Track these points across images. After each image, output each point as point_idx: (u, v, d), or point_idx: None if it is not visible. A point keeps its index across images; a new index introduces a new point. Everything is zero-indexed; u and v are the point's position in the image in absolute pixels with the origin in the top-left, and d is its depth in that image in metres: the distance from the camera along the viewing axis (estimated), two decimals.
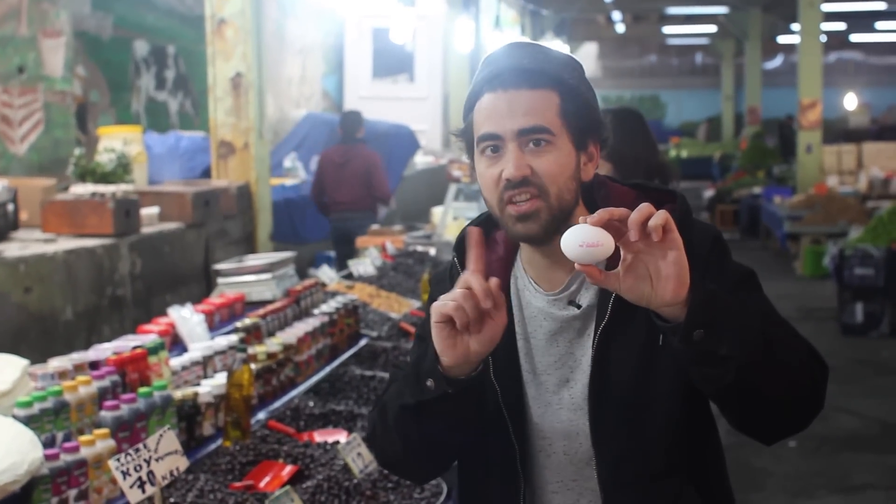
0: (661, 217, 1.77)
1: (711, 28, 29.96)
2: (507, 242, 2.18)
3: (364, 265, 7.23)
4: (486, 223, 2.18)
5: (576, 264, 1.82)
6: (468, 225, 2.11)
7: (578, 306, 2.10)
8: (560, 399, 2.11)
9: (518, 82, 2.02)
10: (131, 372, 3.54)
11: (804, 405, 1.97)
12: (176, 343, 4.34)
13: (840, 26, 28.72)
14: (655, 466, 2.07)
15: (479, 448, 2.17)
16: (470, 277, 1.94)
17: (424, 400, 2.01)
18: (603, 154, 4.08)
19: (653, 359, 2.04)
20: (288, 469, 3.45)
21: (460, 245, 2.14)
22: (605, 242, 1.79)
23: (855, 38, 32.94)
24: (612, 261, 1.84)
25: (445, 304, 1.93)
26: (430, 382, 1.99)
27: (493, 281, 1.93)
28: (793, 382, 1.92)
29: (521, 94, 2.02)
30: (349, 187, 8.46)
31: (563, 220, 2.02)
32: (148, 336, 4.06)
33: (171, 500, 3.11)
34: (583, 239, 1.80)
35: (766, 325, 1.91)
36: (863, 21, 28.22)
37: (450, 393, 1.99)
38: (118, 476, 2.36)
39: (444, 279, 2.24)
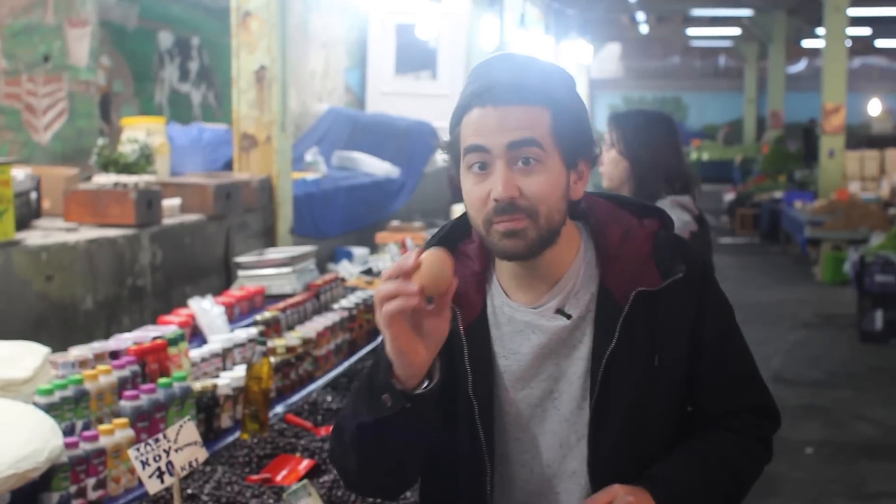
0: None
1: (735, 31, 29.84)
2: (482, 257, 2.13)
3: (383, 261, 7.23)
4: (447, 239, 2.15)
5: None
6: (428, 247, 2.03)
7: (568, 316, 2.07)
8: (544, 412, 2.09)
9: (508, 98, 1.97)
10: (151, 362, 3.56)
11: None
12: (195, 335, 4.35)
13: (865, 31, 28.58)
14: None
15: (446, 463, 2.12)
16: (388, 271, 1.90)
17: (381, 417, 1.94)
18: (622, 150, 4.14)
19: (650, 382, 2.06)
20: (305, 463, 3.46)
21: None
22: None
23: (880, 43, 32.75)
24: None
25: (388, 309, 1.87)
26: (385, 398, 1.93)
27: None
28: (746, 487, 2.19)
29: (511, 110, 1.96)
30: None
31: (550, 240, 2.01)
32: (168, 327, 4.07)
33: (189, 491, 3.12)
34: None
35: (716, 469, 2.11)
36: (889, 26, 28.06)
37: (407, 408, 1.93)
38: (137, 466, 2.37)
39: None
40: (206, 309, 4.46)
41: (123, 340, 3.76)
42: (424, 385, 1.94)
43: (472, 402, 2.06)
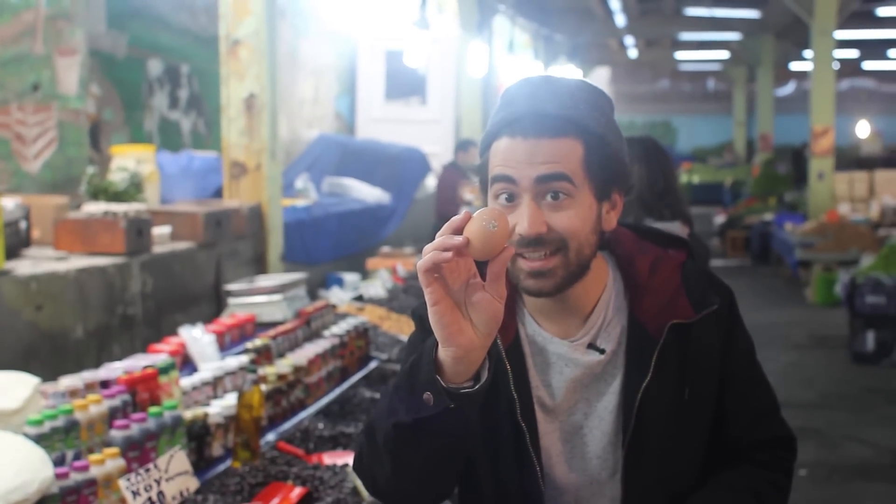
0: None
1: (724, 54, 30.00)
2: (508, 281, 1.93)
3: (374, 287, 7.23)
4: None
5: None
6: None
7: (602, 351, 2.02)
8: (573, 448, 2.04)
9: (538, 130, 1.88)
10: (142, 391, 3.54)
11: None
12: (186, 363, 4.34)
13: (853, 54, 28.75)
14: None
15: (488, 491, 2.05)
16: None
17: (421, 417, 1.78)
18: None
19: (682, 415, 2.02)
20: (297, 491, 3.43)
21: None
22: None
23: (868, 65, 32.95)
24: None
25: (425, 259, 1.71)
26: (427, 396, 1.76)
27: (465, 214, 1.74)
28: None
29: (540, 142, 1.88)
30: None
31: (579, 275, 1.94)
32: (159, 355, 4.05)
33: None
34: None
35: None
36: (876, 49, 28.26)
37: (450, 408, 1.76)
38: (128, 496, 2.35)
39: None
40: (197, 337, 4.45)
41: (114, 369, 3.75)
42: (471, 385, 1.79)
43: (522, 429, 1.99)
